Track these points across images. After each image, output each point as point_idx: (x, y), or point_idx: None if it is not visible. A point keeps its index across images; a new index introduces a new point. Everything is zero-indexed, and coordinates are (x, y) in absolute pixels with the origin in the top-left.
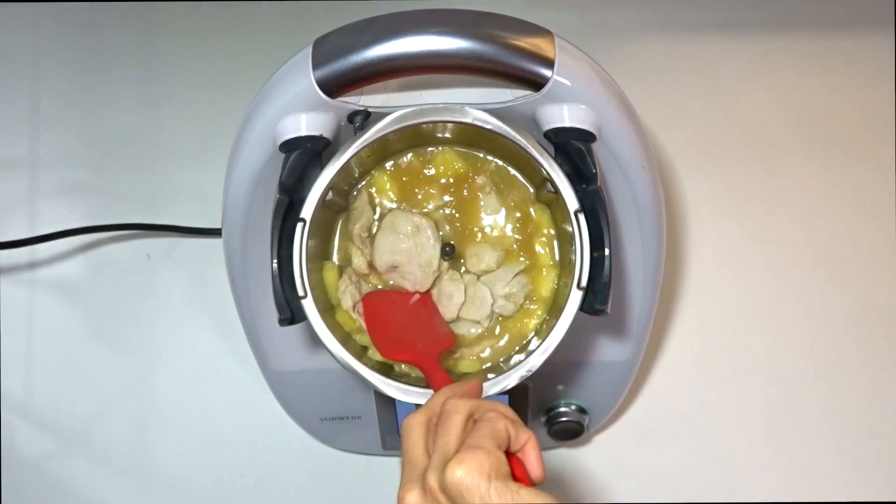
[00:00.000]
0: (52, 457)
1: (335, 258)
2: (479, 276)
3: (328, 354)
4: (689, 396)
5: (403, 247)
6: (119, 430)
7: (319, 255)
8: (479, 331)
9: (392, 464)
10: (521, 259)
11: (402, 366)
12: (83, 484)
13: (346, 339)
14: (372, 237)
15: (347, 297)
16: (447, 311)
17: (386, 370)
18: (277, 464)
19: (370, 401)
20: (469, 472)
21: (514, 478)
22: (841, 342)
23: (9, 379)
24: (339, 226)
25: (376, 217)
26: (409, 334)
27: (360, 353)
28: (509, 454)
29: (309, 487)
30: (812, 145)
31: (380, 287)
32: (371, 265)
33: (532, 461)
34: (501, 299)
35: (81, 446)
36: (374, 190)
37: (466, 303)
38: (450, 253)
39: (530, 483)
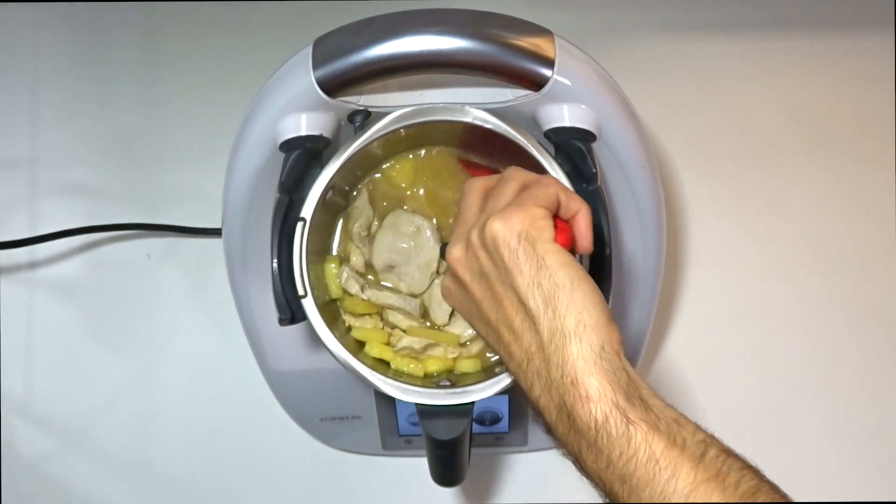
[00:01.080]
0: (52, 457)
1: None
2: None
3: (328, 354)
4: (688, 396)
5: (403, 247)
6: (119, 430)
7: (320, 253)
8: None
9: (392, 464)
10: None
11: (401, 365)
12: (83, 484)
13: (348, 339)
14: (371, 236)
15: (352, 283)
16: (438, 315)
17: (385, 369)
18: (277, 464)
19: (370, 401)
20: (503, 227)
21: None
22: (841, 342)
23: (9, 379)
24: (339, 224)
25: (375, 222)
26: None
27: (357, 348)
28: (560, 220)
29: (309, 487)
30: (812, 145)
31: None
32: (368, 264)
33: (582, 230)
34: None
35: (81, 446)
36: (372, 188)
37: None
38: None
39: (567, 248)
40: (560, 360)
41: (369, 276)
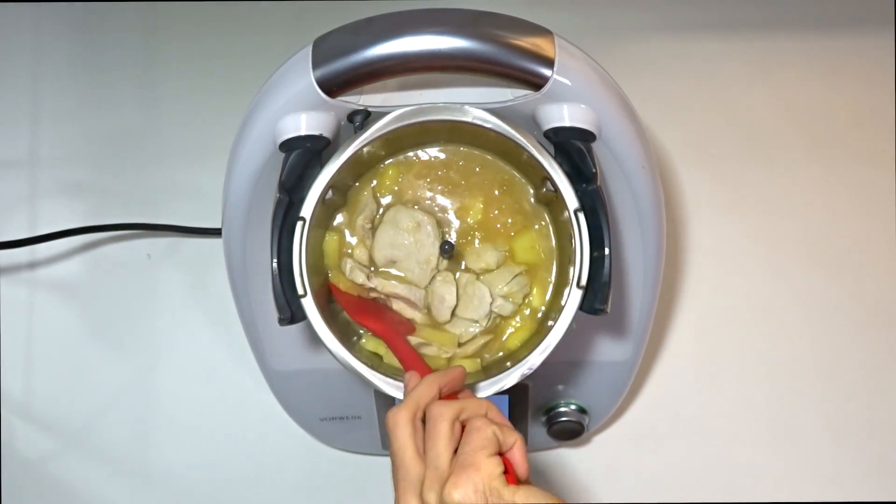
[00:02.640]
0: (52, 457)
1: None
2: (478, 276)
3: (328, 354)
4: (688, 396)
5: (403, 242)
6: (119, 430)
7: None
8: (477, 330)
9: None
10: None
11: (395, 361)
12: (83, 484)
13: (345, 337)
14: (374, 228)
15: (357, 273)
16: (439, 313)
17: (379, 363)
18: (277, 464)
19: (370, 401)
20: (465, 494)
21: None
22: (840, 342)
23: (9, 379)
24: (340, 218)
25: (381, 210)
26: (377, 309)
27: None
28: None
29: (309, 487)
30: (812, 145)
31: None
32: (371, 259)
33: (518, 461)
34: (500, 299)
35: (81, 446)
36: (374, 184)
37: (465, 301)
38: (449, 251)
39: (516, 480)
40: None
41: (372, 269)
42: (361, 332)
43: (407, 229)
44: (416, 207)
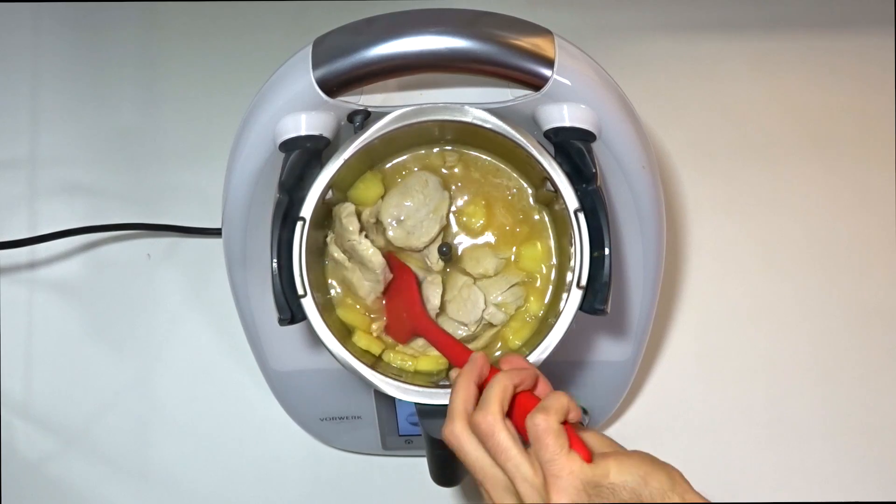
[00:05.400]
0: (52, 457)
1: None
2: (475, 280)
3: (328, 354)
4: (689, 396)
5: (412, 197)
6: (119, 430)
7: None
8: (464, 333)
9: (392, 464)
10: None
11: (393, 360)
12: (83, 484)
13: (345, 338)
14: (379, 223)
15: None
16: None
17: (384, 369)
18: (277, 463)
19: (370, 401)
20: (570, 498)
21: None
22: (840, 342)
23: (9, 379)
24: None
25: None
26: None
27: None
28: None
29: (309, 487)
30: (812, 145)
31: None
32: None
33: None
34: (493, 307)
35: (81, 446)
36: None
37: (458, 303)
38: (447, 253)
39: (582, 446)
40: None
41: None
42: (355, 329)
43: (415, 187)
44: (423, 169)
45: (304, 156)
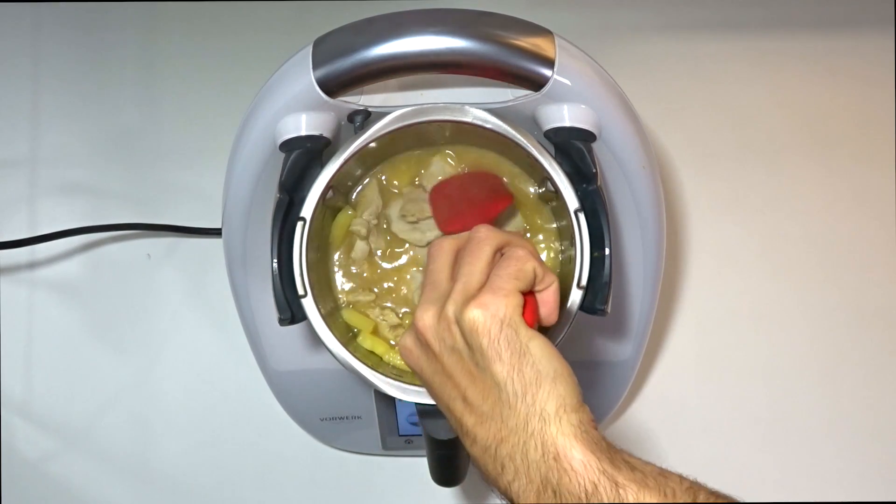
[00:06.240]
0: (52, 457)
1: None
2: None
3: (328, 354)
4: (689, 396)
5: (419, 194)
6: (119, 430)
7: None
8: None
9: (392, 464)
10: None
11: (394, 359)
12: (83, 484)
13: (347, 339)
14: (380, 225)
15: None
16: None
17: (377, 362)
18: (277, 464)
19: (370, 401)
20: (485, 316)
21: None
22: (841, 342)
23: (9, 379)
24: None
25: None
26: (464, 206)
27: (346, 334)
28: (526, 294)
29: (309, 487)
30: (812, 145)
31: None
32: (371, 254)
33: (551, 303)
34: None
35: (81, 446)
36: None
37: None
38: None
39: (534, 324)
40: (539, 440)
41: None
42: (356, 330)
43: (424, 188)
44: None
45: (305, 156)
